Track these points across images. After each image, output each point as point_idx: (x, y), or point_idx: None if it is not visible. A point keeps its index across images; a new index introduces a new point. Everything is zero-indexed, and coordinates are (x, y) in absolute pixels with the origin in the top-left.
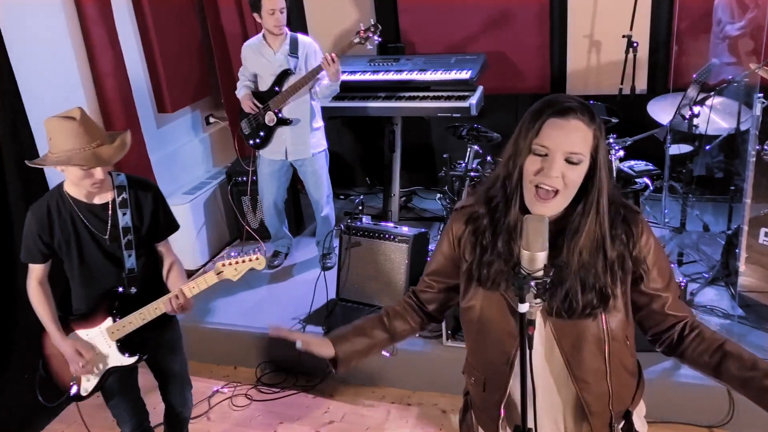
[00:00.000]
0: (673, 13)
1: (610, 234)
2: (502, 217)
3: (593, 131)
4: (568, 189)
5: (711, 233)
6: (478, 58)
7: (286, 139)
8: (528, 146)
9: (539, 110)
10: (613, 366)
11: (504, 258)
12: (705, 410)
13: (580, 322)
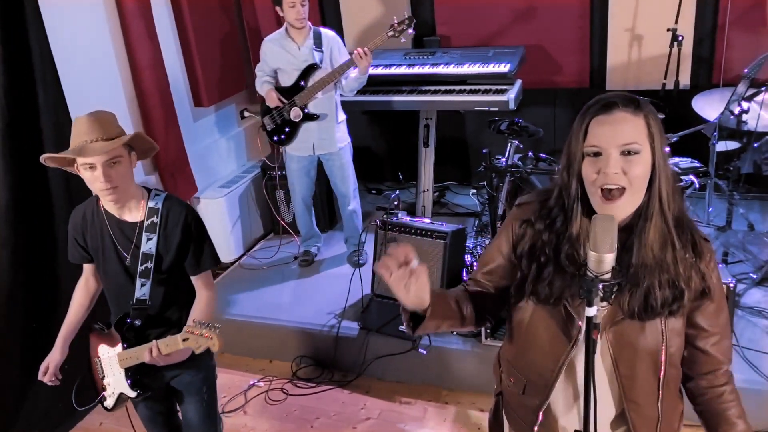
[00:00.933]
0: (719, 4)
1: (678, 237)
2: (563, 230)
3: (643, 118)
4: (633, 185)
5: (757, 232)
6: (516, 51)
7: (313, 134)
8: (581, 151)
9: (583, 113)
10: (665, 389)
11: (568, 272)
12: (753, 414)
13: (640, 336)
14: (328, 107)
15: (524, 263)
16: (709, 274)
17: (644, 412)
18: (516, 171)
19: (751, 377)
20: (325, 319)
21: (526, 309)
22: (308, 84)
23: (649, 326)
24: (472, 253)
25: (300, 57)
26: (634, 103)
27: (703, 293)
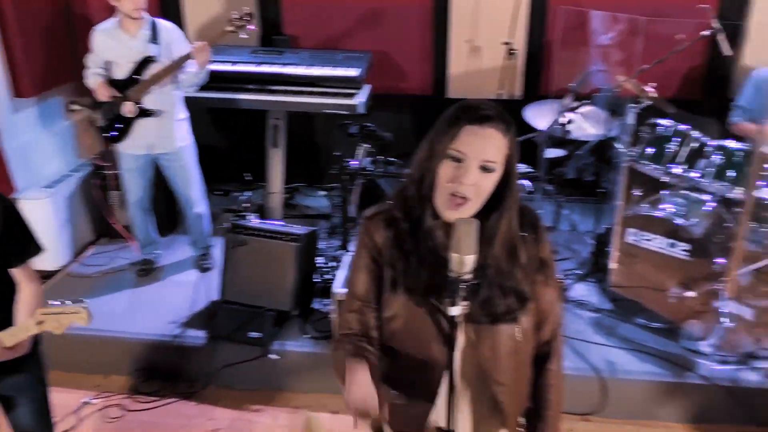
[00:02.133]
0: (547, 22)
1: (522, 238)
2: (420, 220)
3: (508, 140)
4: (479, 197)
5: (579, 232)
6: (364, 56)
7: (149, 131)
8: (444, 151)
9: (457, 115)
10: (523, 369)
11: (429, 264)
12: (579, 399)
13: (499, 326)
14: (166, 103)
15: (394, 259)
16: (546, 255)
17: (510, 390)
18: (367, 174)
19: (578, 365)
20: (168, 328)
21: (398, 317)
22: (143, 77)
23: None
24: (325, 255)
25: (134, 49)
26: (506, 122)
27: (542, 265)
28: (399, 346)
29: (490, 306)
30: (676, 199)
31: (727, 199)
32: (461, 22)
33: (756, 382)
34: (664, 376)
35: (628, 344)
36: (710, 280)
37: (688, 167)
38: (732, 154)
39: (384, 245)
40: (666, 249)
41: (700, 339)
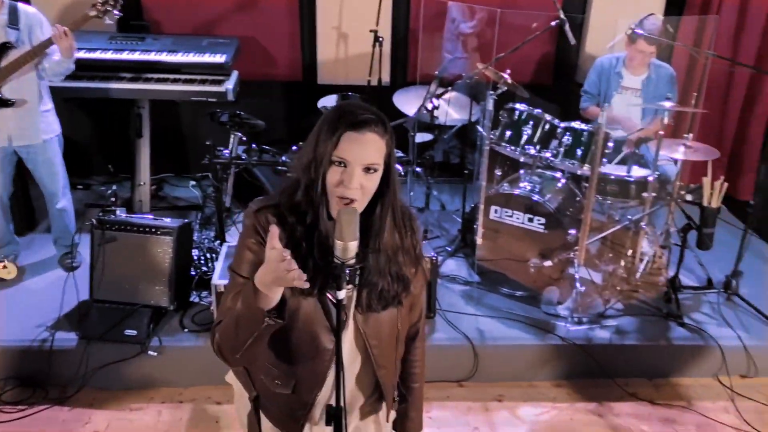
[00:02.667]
0: (410, 11)
1: (404, 228)
2: (314, 225)
3: (386, 141)
4: (366, 196)
5: (448, 211)
6: (231, 42)
7: (8, 123)
8: (328, 158)
9: (336, 121)
10: (400, 347)
11: (323, 264)
12: (454, 367)
13: (383, 315)
14: (28, 92)
15: None
16: (419, 242)
17: (389, 372)
18: (241, 163)
19: (452, 335)
20: (35, 333)
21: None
22: (1, 65)
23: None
24: (200, 247)
25: None
26: (383, 125)
27: (416, 257)
28: (288, 332)
29: (383, 293)
30: (532, 178)
31: (577, 175)
32: (328, 8)
33: (606, 339)
34: (528, 340)
35: (495, 313)
36: (564, 250)
37: (542, 148)
38: (579, 135)
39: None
40: (525, 223)
41: (558, 303)
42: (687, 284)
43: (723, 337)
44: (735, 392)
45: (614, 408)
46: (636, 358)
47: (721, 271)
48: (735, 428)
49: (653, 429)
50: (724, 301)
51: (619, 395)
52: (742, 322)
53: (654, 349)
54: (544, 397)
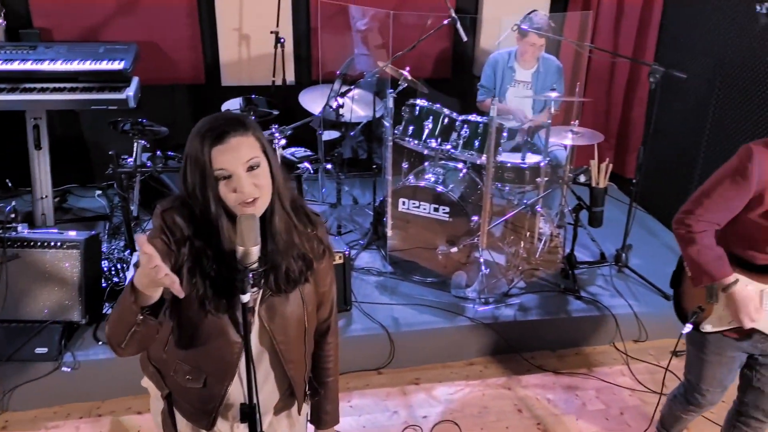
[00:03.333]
0: (310, 10)
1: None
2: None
3: (254, 136)
4: (263, 192)
5: (360, 205)
6: (129, 47)
7: None
8: (212, 177)
9: (200, 141)
10: (309, 343)
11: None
12: (372, 356)
13: (286, 306)
14: None
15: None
16: (324, 238)
17: (299, 367)
18: (146, 171)
19: (368, 325)
20: None
21: (198, 312)
22: None
23: (292, 296)
24: (110, 258)
25: None
26: (242, 125)
27: (323, 253)
28: (197, 337)
29: (288, 273)
30: (436, 169)
31: (477, 165)
32: (227, 10)
33: (511, 316)
34: (440, 323)
35: (408, 300)
36: (469, 236)
37: (442, 141)
38: (476, 127)
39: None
40: (431, 213)
41: (467, 286)
42: (582, 260)
43: (616, 307)
44: (629, 356)
45: (522, 380)
46: (539, 332)
47: (613, 244)
48: (630, 389)
49: (558, 397)
50: (616, 273)
51: (526, 368)
52: (632, 291)
53: (555, 322)
54: (458, 376)
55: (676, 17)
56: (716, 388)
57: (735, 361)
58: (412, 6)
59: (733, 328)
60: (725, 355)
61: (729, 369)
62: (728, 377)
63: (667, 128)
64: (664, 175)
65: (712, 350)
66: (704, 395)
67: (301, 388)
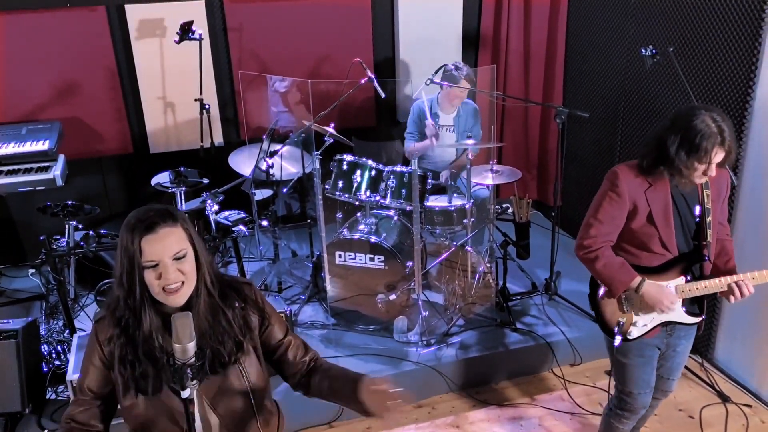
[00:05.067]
0: (233, 76)
1: (222, 299)
2: (136, 330)
3: (182, 227)
4: (188, 278)
5: (299, 257)
6: (52, 126)
7: None
8: (139, 266)
9: (131, 232)
10: (260, 414)
11: (152, 363)
12: (322, 410)
13: (227, 382)
14: None
15: (119, 369)
16: (262, 307)
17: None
18: (80, 252)
19: None
20: None
21: (137, 404)
22: None
23: (230, 371)
24: (49, 341)
25: None
26: (171, 216)
27: (263, 323)
28: (143, 427)
29: (214, 356)
30: (368, 219)
31: (407, 212)
32: (150, 81)
33: (453, 356)
34: (386, 371)
35: (353, 351)
36: (406, 281)
37: (371, 192)
38: (402, 176)
39: (110, 352)
40: (367, 263)
41: (408, 330)
42: (515, 291)
43: (550, 335)
44: (567, 380)
45: (469, 417)
46: (481, 368)
47: (544, 272)
48: (570, 412)
49: (503, 429)
50: (548, 302)
51: (471, 404)
52: (564, 318)
53: (494, 356)
54: (407, 420)
55: (577, 60)
56: (645, 389)
57: (654, 359)
58: (329, 64)
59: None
60: (645, 355)
61: (651, 367)
62: (651, 376)
63: (582, 154)
64: (583, 199)
65: (634, 354)
66: (636, 398)
67: None
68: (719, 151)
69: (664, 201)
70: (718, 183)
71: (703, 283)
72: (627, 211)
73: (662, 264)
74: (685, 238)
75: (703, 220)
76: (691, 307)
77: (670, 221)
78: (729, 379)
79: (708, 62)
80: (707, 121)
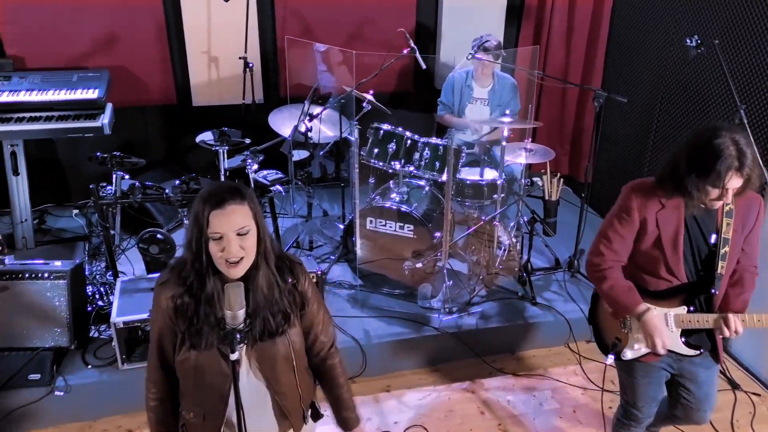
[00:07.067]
0: (276, 34)
1: (279, 274)
2: (199, 291)
3: (248, 205)
4: (249, 253)
5: (330, 217)
6: (101, 74)
7: None
8: (205, 235)
9: (203, 204)
10: (300, 375)
11: (210, 322)
12: (346, 366)
13: (274, 348)
14: None
15: (179, 323)
16: (305, 290)
17: (290, 397)
18: (126, 202)
19: (340, 339)
20: None
21: (189, 359)
22: None
23: (278, 340)
24: (93, 282)
25: None
26: (240, 194)
27: (303, 305)
28: (194, 382)
29: (265, 325)
30: (400, 189)
31: (438, 183)
32: (196, 35)
33: (473, 325)
34: (408, 334)
35: (377, 312)
36: (433, 250)
37: (405, 162)
38: (436, 149)
39: (172, 308)
40: (397, 231)
41: (432, 297)
42: (538, 266)
43: (569, 311)
44: (582, 356)
45: (484, 384)
46: (500, 338)
47: (569, 249)
48: (582, 387)
49: (517, 398)
50: (570, 279)
51: (487, 372)
52: (584, 295)
53: (513, 328)
54: (425, 382)
55: (619, 42)
56: (650, 402)
57: (661, 377)
58: (371, 27)
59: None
60: (652, 375)
61: (658, 384)
62: (658, 391)
63: (616, 134)
64: (614, 177)
65: (639, 373)
66: (641, 410)
67: (296, 414)
68: (735, 177)
69: (676, 225)
70: (745, 212)
71: (705, 317)
72: (635, 232)
73: (666, 289)
74: (694, 266)
75: (717, 250)
76: (693, 338)
77: (679, 247)
78: (741, 367)
79: (754, 59)
80: (727, 142)
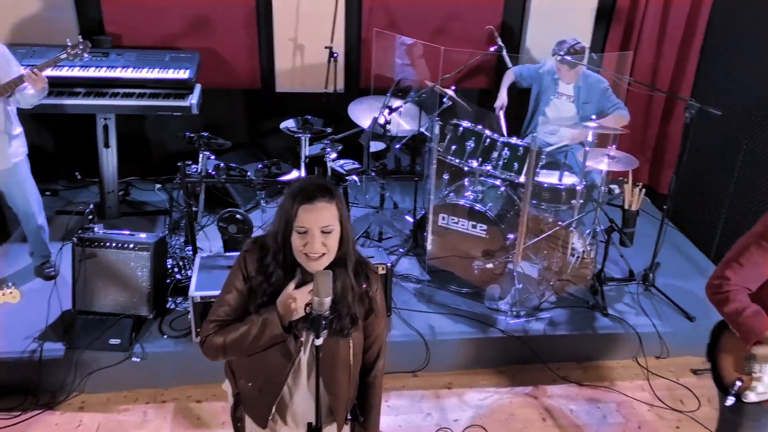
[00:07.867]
0: (362, 24)
1: (355, 278)
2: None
3: (335, 205)
4: (330, 251)
5: (400, 210)
6: (192, 56)
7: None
8: (291, 228)
9: (293, 197)
10: (352, 380)
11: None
12: (409, 360)
13: (336, 348)
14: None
15: (252, 302)
16: (375, 297)
17: (340, 398)
18: (210, 181)
19: (405, 332)
20: (22, 344)
21: None
22: None
23: (341, 340)
24: (173, 256)
25: None
26: (330, 194)
27: (370, 312)
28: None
29: (333, 324)
30: (475, 187)
31: (514, 184)
32: (284, 22)
33: (541, 330)
34: (473, 333)
35: (444, 309)
36: (504, 252)
37: (483, 161)
38: (516, 149)
39: (249, 287)
40: (469, 230)
41: (500, 299)
42: (611, 276)
43: (640, 325)
44: (650, 372)
45: (547, 390)
46: (566, 346)
47: (644, 261)
48: (649, 404)
49: (580, 408)
50: (643, 292)
51: (551, 378)
52: (657, 310)
53: (581, 337)
54: (487, 383)
55: (715, 52)
56: None
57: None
58: (457, 22)
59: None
60: (761, 422)
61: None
62: None
63: (702, 146)
64: (697, 193)
65: (749, 417)
66: None
67: (342, 414)
68: None
69: None
70: None
71: None
72: None
73: None
74: None
75: None
76: None
77: None
78: None
79: None
80: None
